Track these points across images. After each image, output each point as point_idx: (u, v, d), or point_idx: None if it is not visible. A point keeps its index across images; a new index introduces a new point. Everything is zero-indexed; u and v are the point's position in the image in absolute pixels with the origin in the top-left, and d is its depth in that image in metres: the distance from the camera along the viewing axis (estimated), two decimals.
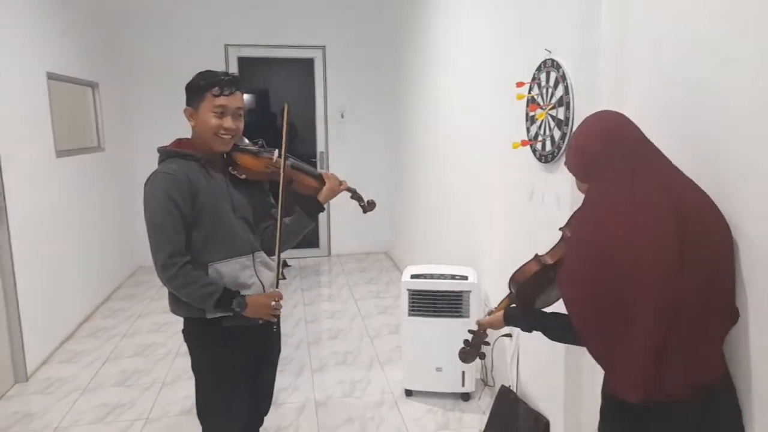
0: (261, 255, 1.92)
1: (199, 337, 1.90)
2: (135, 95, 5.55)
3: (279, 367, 3.37)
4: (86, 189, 4.52)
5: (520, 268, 1.52)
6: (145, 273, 5.60)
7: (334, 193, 2.03)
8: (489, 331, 1.74)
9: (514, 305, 1.60)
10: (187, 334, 1.93)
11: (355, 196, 2.17)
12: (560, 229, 1.46)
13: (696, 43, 1.52)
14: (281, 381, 3.27)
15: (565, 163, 1.45)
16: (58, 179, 3.98)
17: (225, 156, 1.88)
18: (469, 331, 1.75)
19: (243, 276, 1.84)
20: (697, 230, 1.23)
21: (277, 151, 1.95)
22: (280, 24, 5.70)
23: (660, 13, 1.68)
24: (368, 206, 2.19)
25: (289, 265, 5.84)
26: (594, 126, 1.36)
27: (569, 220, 1.45)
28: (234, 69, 5.70)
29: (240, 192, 1.89)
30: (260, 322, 1.90)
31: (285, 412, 2.95)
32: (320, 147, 6.01)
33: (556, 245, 1.48)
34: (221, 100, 1.75)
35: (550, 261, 1.46)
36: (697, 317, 1.24)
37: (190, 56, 5.54)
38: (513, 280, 1.54)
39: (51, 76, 3.91)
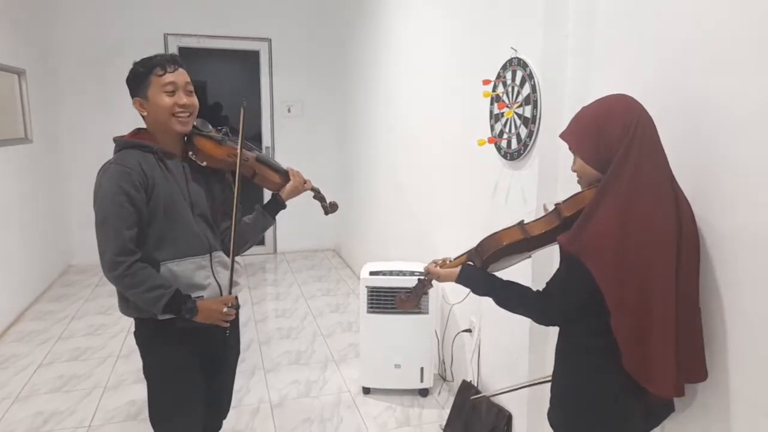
0: (219, 255, 1.82)
1: (151, 338, 1.79)
2: (66, 85, 5.20)
3: None
4: (12, 183, 4.20)
5: (501, 231, 1.47)
6: (76, 272, 5.28)
7: (297, 192, 1.98)
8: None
9: (470, 263, 1.56)
10: (138, 336, 1.82)
11: (318, 196, 2.11)
12: (556, 204, 1.43)
13: (664, 43, 1.58)
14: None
15: (562, 136, 1.43)
16: None
17: (186, 140, 1.78)
18: (418, 279, 1.69)
19: (198, 276, 1.74)
20: (688, 242, 1.33)
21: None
22: (224, 14, 5.51)
23: (627, 12, 1.73)
24: (331, 208, 2.15)
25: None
26: (620, 112, 1.33)
27: (567, 200, 1.41)
28: None
29: (199, 187, 1.80)
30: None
31: (239, 414, 2.85)
32: (266, 142, 5.87)
33: (543, 218, 1.45)
34: (168, 77, 1.67)
35: (535, 232, 1.43)
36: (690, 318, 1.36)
37: (126, 45, 5.25)
38: (488, 242, 1.48)
39: None
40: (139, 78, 1.67)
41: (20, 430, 2.70)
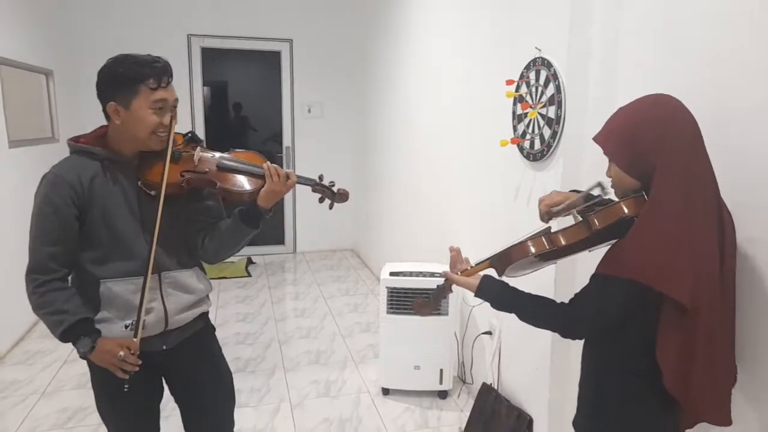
0: (172, 276, 1.62)
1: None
2: (92, 85, 5.19)
3: (250, 368, 3.34)
4: (38, 181, 4.27)
5: (528, 241, 1.41)
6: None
7: (278, 194, 1.59)
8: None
9: (489, 275, 1.49)
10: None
11: (318, 188, 1.68)
12: (587, 215, 1.34)
13: (692, 45, 1.55)
14: (254, 382, 3.19)
15: (595, 139, 1.34)
16: (10, 171, 3.74)
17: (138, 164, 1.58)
18: (437, 285, 1.61)
19: (138, 299, 1.53)
20: (729, 257, 1.28)
21: (199, 148, 1.61)
22: (247, 15, 5.55)
23: (654, 13, 1.70)
24: (339, 198, 1.71)
25: (254, 262, 5.70)
26: (658, 115, 1.23)
27: (599, 211, 1.33)
28: (197, 60, 5.52)
29: (154, 202, 1.53)
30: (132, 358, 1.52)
31: (260, 414, 2.87)
32: (287, 142, 5.90)
33: (572, 228, 1.37)
34: (160, 94, 1.50)
35: (562, 243, 1.37)
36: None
37: (151, 46, 5.24)
38: (514, 251, 1.42)
39: (3, 62, 3.67)
40: (124, 83, 1.50)
41: (46, 426, 2.75)
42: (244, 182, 1.59)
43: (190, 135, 1.66)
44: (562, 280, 2.10)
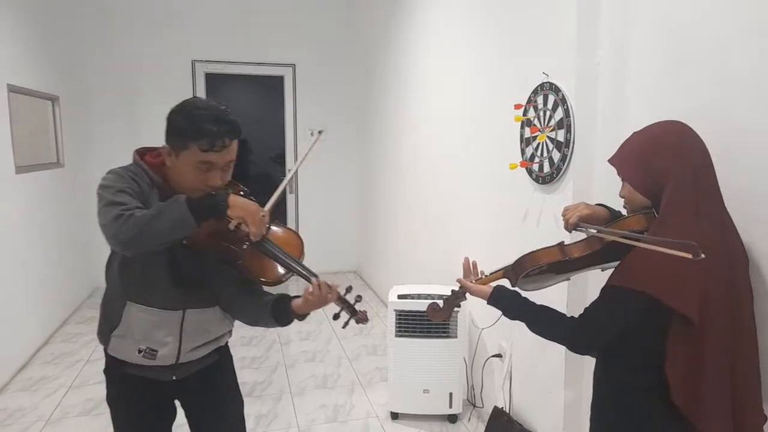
0: (195, 315, 1.59)
1: (108, 372, 1.66)
2: (97, 110, 5.33)
3: (257, 393, 3.31)
4: (45, 206, 4.29)
5: (540, 251, 1.45)
6: (102, 295, 5.32)
7: (315, 306, 1.54)
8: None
9: (502, 285, 1.52)
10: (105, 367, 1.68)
11: (338, 301, 1.57)
12: (598, 231, 1.39)
13: (701, 66, 1.57)
14: (261, 408, 3.16)
15: (611, 161, 1.40)
16: (16, 196, 3.76)
17: None
18: (452, 291, 1.63)
19: (157, 332, 1.54)
20: (741, 272, 1.31)
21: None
22: (250, 41, 5.63)
23: (660, 38, 1.74)
24: (357, 318, 1.64)
25: None
26: (671, 139, 1.31)
27: (610, 225, 1.38)
28: (201, 85, 5.59)
29: (185, 249, 1.49)
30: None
31: None
32: (289, 165, 5.94)
33: (584, 240, 1.42)
34: (210, 157, 1.41)
35: (575, 255, 1.41)
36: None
37: (155, 72, 5.40)
38: (526, 260, 1.46)
39: (11, 89, 3.71)
40: (180, 133, 1.42)
41: None
42: (267, 269, 1.51)
43: (242, 193, 1.54)
44: (573, 300, 2.11)
